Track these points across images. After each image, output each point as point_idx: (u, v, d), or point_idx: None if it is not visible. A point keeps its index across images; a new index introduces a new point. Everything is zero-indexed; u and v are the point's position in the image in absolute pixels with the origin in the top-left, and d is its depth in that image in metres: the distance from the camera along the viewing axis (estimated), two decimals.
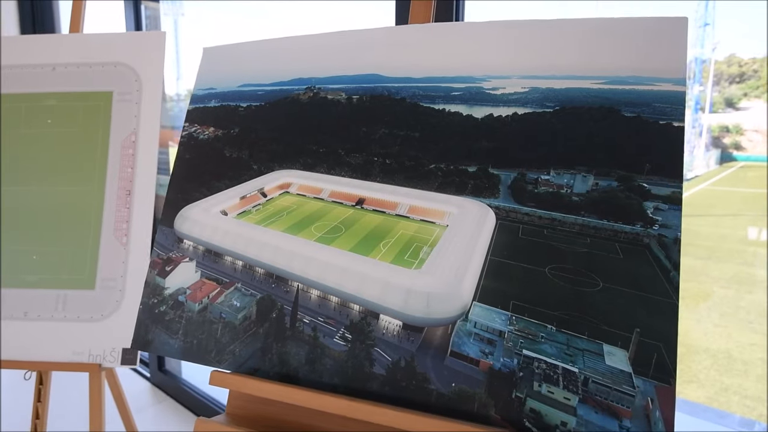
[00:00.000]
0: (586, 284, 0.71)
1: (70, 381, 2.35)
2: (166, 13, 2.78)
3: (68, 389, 2.38)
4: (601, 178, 0.74)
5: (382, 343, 0.78)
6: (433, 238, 0.80)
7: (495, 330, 0.73)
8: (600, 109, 0.76)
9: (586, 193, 0.74)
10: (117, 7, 2.41)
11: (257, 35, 1.03)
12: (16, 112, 1.35)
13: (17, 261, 1.29)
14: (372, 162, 0.86)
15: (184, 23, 2.93)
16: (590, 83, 0.77)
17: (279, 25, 2.60)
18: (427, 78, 0.86)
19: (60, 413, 2.20)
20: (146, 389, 2.48)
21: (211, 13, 2.88)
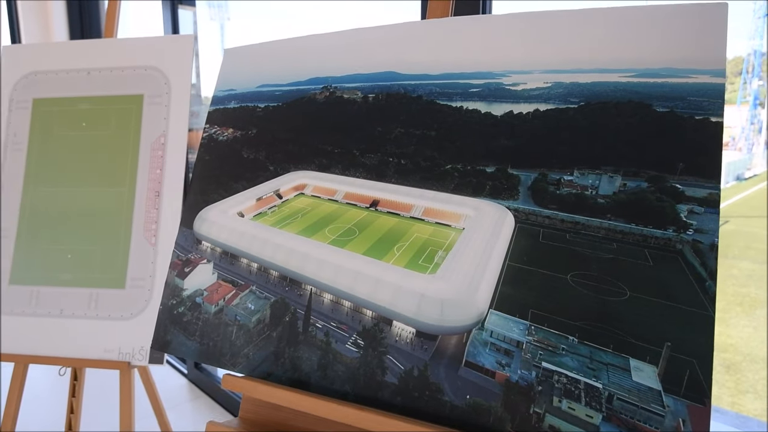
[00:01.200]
0: (611, 293, 0.66)
1: (105, 377, 2.43)
2: (212, 18, 2.85)
3: (103, 385, 2.47)
4: (630, 178, 0.68)
5: (395, 351, 0.75)
6: (449, 242, 0.77)
7: (512, 340, 0.69)
8: (629, 104, 0.70)
9: (613, 194, 0.69)
10: (156, 12, 2.48)
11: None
12: (52, 115, 1.40)
13: (53, 260, 1.34)
14: (387, 162, 0.84)
15: (229, 27, 3.00)
16: (618, 76, 0.71)
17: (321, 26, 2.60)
18: (444, 74, 0.82)
19: (93, 409, 2.28)
20: (183, 386, 2.53)
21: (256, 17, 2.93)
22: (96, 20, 3.04)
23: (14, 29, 3.19)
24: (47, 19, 3.15)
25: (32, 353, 1.31)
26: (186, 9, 2.50)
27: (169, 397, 2.39)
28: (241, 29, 2.87)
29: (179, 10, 2.44)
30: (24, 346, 1.31)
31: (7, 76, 1.43)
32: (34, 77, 1.42)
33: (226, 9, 3.02)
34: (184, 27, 2.46)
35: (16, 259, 1.35)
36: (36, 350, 1.31)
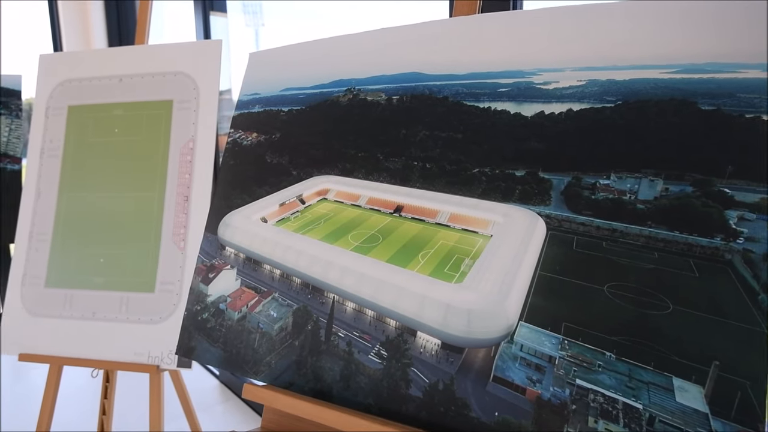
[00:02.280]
0: (652, 306, 0.61)
1: (136, 379, 2.48)
2: (247, 24, 2.88)
3: (137, 386, 2.52)
4: (673, 182, 0.63)
5: (419, 363, 0.72)
6: (476, 250, 0.73)
7: (544, 355, 0.65)
8: (671, 102, 0.65)
9: (654, 199, 0.64)
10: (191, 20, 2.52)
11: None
12: (86, 122, 1.43)
13: (87, 263, 1.36)
14: (411, 166, 0.81)
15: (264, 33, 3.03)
16: (659, 73, 0.66)
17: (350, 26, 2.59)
18: (471, 74, 0.79)
19: (125, 410, 2.32)
20: (215, 387, 2.56)
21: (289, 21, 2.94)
22: (132, 27, 3.12)
23: (56, 37, 3.31)
24: (87, 27, 3.25)
25: (66, 355, 1.33)
26: (218, 16, 2.53)
27: (200, 399, 2.42)
28: (275, 34, 2.89)
29: (212, 17, 2.48)
30: (58, 347, 1.34)
31: (43, 84, 1.47)
32: (69, 85, 1.45)
33: (261, 15, 3.05)
34: (217, 34, 2.50)
35: (51, 263, 1.38)
36: (70, 352, 1.33)
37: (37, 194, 1.42)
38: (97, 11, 3.22)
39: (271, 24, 2.88)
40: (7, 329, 1.38)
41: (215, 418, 2.30)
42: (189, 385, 1.74)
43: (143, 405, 2.32)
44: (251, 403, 2.38)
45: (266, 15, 2.93)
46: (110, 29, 3.23)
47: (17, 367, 2.80)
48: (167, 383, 1.54)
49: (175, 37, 3.36)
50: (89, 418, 2.27)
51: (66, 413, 2.25)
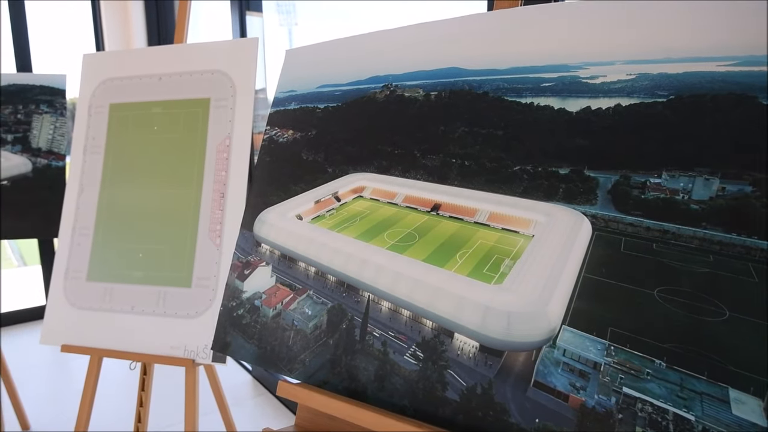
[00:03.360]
0: (707, 312, 0.57)
1: (171, 372, 2.53)
2: (281, 23, 2.91)
3: (173, 378, 2.57)
4: (730, 181, 0.59)
5: (457, 365, 0.70)
6: (516, 250, 0.71)
7: (589, 361, 0.62)
8: (728, 97, 0.61)
9: (709, 199, 0.60)
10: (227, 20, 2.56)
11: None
12: (127, 120, 1.46)
13: (126, 258, 1.39)
14: (449, 164, 0.79)
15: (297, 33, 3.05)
16: (716, 65, 0.63)
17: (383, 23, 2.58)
18: (513, 69, 0.76)
19: (160, 401, 2.37)
20: (247, 382, 2.59)
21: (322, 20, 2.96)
22: (171, 26, 3.19)
23: (98, 37, 3.42)
24: (127, 27, 3.34)
25: (106, 347, 1.36)
26: (254, 15, 2.56)
27: (232, 394, 2.45)
28: (307, 33, 2.91)
29: (247, 16, 2.50)
30: (99, 340, 1.37)
31: (86, 83, 1.51)
32: (111, 83, 1.49)
33: (294, 15, 3.08)
34: (252, 33, 2.52)
35: (92, 257, 1.42)
36: (109, 344, 1.36)
37: (80, 190, 1.46)
38: (138, 11, 3.31)
39: (304, 23, 2.90)
40: (50, 321, 1.42)
41: (247, 413, 2.33)
42: (222, 380, 1.76)
43: (176, 397, 2.37)
44: (283, 399, 2.40)
45: (299, 14, 2.95)
46: (149, 29, 3.31)
47: (58, 356, 2.90)
48: (202, 377, 1.57)
49: (210, 36, 3.42)
50: (123, 407, 2.33)
51: (102, 402, 2.32)
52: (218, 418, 2.06)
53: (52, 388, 2.59)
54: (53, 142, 1.86)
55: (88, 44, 3.45)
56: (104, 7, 3.33)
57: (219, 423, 2.05)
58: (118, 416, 2.28)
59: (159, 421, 2.20)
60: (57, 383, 2.66)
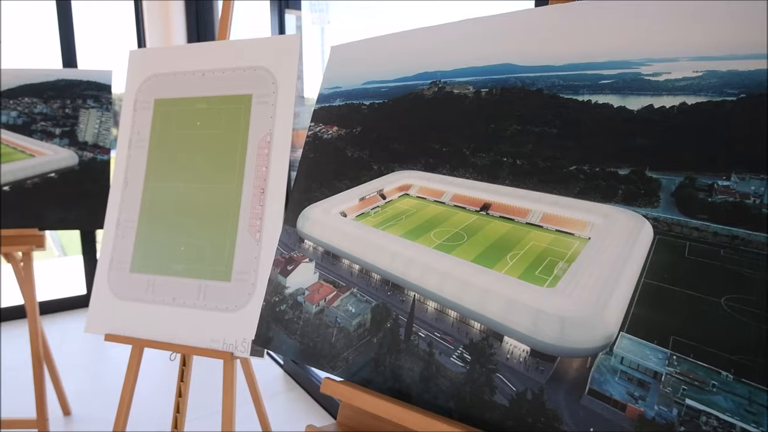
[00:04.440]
0: None
1: (207, 364, 2.58)
2: (314, 22, 2.93)
3: (209, 370, 2.62)
4: None
5: (506, 370, 0.69)
6: (571, 253, 0.68)
7: (649, 370, 0.59)
8: None
9: None
10: (264, 17, 2.59)
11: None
12: (171, 115, 1.48)
13: (168, 251, 1.42)
14: (500, 162, 0.77)
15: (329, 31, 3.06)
16: None
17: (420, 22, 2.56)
18: (569, 65, 0.74)
19: (196, 392, 2.42)
20: (279, 376, 2.62)
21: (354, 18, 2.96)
22: (210, 23, 3.24)
23: (140, 34, 3.50)
24: (168, 24, 3.41)
25: (147, 338, 1.39)
26: (291, 13, 2.57)
27: (265, 387, 2.48)
28: (340, 32, 2.92)
29: (285, 14, 2.52)
30: (140, 330, 1.40)
31: (132, 79, 1.54)
32: (156, 79, 1.51)
33: (327, 13, 3.09)
34: (288, 31, 2.54)
35: (136, 249, 1.45)
36: (151, 335, 1.39)
37: (125, 183, 1.50)
38: (178, 9, 3.38)
39: (336, 21, 2.90)
40: (94, 310, 1.46)
41: (279, 407, 2.35)
42: (254, 373, 1.78)
43: (211, 387, 2.41)
44: (314, 394, 2.41)
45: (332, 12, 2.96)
46: (189, 26, 3.38)
47: (98, 344, 2.99)
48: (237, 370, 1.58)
49: (246, 34, 3.46)
50: (159, 394, 2.39)
51: (140, 389, 2.38)
52: (251, 410, 2.08)
53: (92, 375, 2.68)
54: (99, 136, 1.91)
55: (130, 41, 3.54)
56: (146, 5, 3.41)
57: (252, 415, 2.07)
58: (155, 404, 2.33)
59: (194, 411, 2.24)
60: (96, 370, 2.74)
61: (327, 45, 2.90)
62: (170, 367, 2.65)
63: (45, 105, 1.92)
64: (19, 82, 1.92)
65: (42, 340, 2.04)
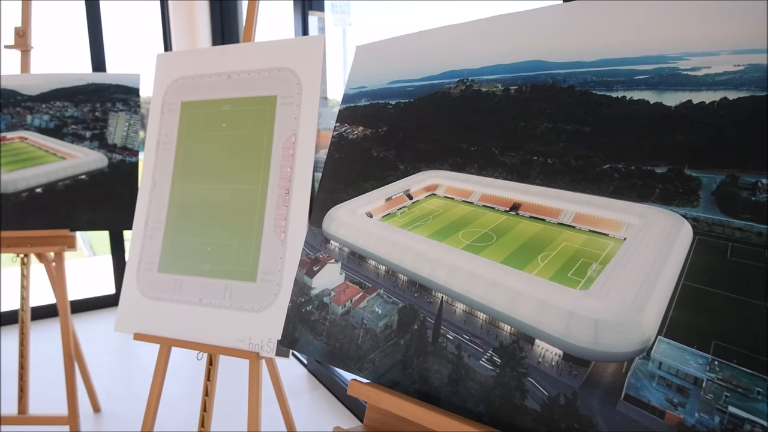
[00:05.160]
0: None
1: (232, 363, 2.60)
2: (335, 23, 2.94)
3: (232, 369, 2.64)
4: None
5: (537, 373, 0.67)
6: (606, 254, 0.66)
7: (688, 375, 0.57)
8: None
9: None
10: (288, 19, 2.60)
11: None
12: (197, 117, 1.50)
13: (195, 251, 1.43)
14: (530, 161, 0.75)
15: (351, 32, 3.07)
16: None
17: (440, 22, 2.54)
18: (602, 61, 0.72)
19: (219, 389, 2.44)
20: (303, 375, 2.63)
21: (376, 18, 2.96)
22: (234, 25, 3.27)
23: (166, 36, 3.56)
24: (193, 26, 3.47)
25: (175, 337, 1.41)
26: (314, 14, 2.58)
27: (288, 386, 2.49)
28: (362, 33, 2.92)
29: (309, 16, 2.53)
30: (168, 329, 1.42)
31: (160, 81, 1.56)
32: (183, 82, 1.53)
33: (348, 14, 3.09)
34: (311, 32, 2.55)
35: (164, 249, 1.47)
36: (178, 334, 1.41)
37: (152, 184, 1.52)
38: (203, 12, 3.42)
39: (358, 22, 2.90)
40: (123, 310, 1.49)
41: (302, 406, 2.36)
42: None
43: (236, 385, 2.43)
44: (338, 394, 2.42)
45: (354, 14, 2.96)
46: (214, 28, 3.42)
47: (126, 342, 3.05)
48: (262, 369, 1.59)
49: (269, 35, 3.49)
50: (185, 392, 2.42)
51: (166, 387, 2.41)
52: (276, 409, 2.09)
53: (120, 373, 2.73)
54: (127, 138, 1.95)
55: (157, 43, 3.60)
56: (172, 8, 3.47)
57: (276, 414, 2.08)
58: (182, 402, 2.37)
59: (219, 409, 2.27)
60: (124, 368, 2.80)
61: (349, 46, 2.90)
62: (196, 366, 2.69)
63: (76, 108, 1.96)
64: (51, 86, 1.97)
65: (73, 338, 2.09)
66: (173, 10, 3.47)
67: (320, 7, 2.53)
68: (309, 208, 1.35)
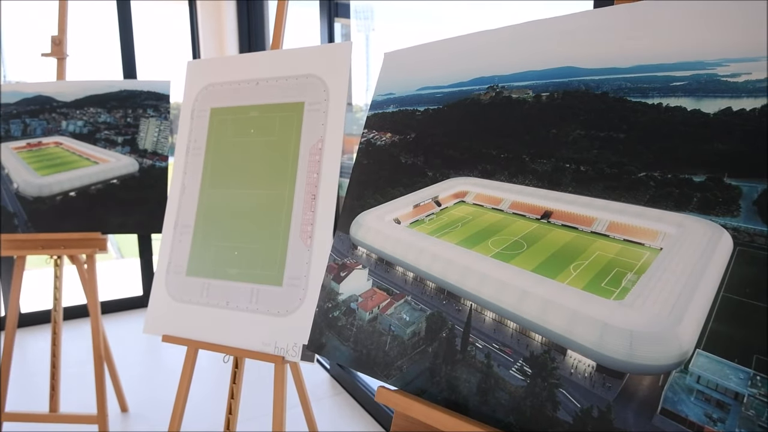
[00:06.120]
0: None
1: (256, 366, 2.62)
2: (359, 29, 2.96)
3: (258, 374, 2.66)
4: None
5: (570, 385, 0.66)
6: (641, 264, 0.65)
7: (729, 390, 0.56)
8: None
9: None
10: (315, 26, 2.63)
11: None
12: (226, 123, 1.52)
13: (223, 255, 1.46)
14: (562, 169, 0.74)
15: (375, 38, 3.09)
16: None
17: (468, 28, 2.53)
18: (637, 67, 0.71)
19: (244, 392, 2.46)
20: (325, 380, 2.64)
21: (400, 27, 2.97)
22: (260, 33, 3.32)
23: (195, 45, 3.63)
24: (221, 33, 3.53)
25: (202, 340, 1.43)
26: (339, 21, 2.61)
27: (310, 391, 2.50)
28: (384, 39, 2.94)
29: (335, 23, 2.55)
30: (196, 332, 1.44)
31: (190, 88, 1.60)
32: (212, 88, 1.56)
33: (372, 20, 3.11)
34: (336, 38, 2.57)
35: (192, 253, 1.49)
36: (205, 337, 1.43)
37: (182, 189, 1.55)
38: (231, 20, 3.49)
39: (381, 28, 2.92)
40: (152, 312, 1.52)
41: (325, 411, 2.37)
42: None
43: (259, 387, 2.45)
44: (360, 399, 2.42)
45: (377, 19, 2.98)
46: (241, 35, 3.48)
47: (152, 344, 3.10)
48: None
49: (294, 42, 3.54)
50: (209, 393, 2.45)
51: (192, 390, 2.45)
52: (299, 413, 2.11)
53: (146, 373, 2.78)
54: (157, 144, 1.99)
55: (185, 49, 3.68)
56: (201, 14, 3.54)
57: (299, 418, 2.09)
58: (207, 404, 2.39)
59: (244, 411, 2.29)
60: (150, 368, 2.85)
61: (372, 52, 2.92)
62: (220, 368, 2.72)
63: (108, 114, 2.01)
64: (85, 93, 2.03)
65: (103, 339, 2.14)
66: (201, 15, 3.54)
67: (346, 13, 2.55)
68: (335, 214, 1.35)
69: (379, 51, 3.01)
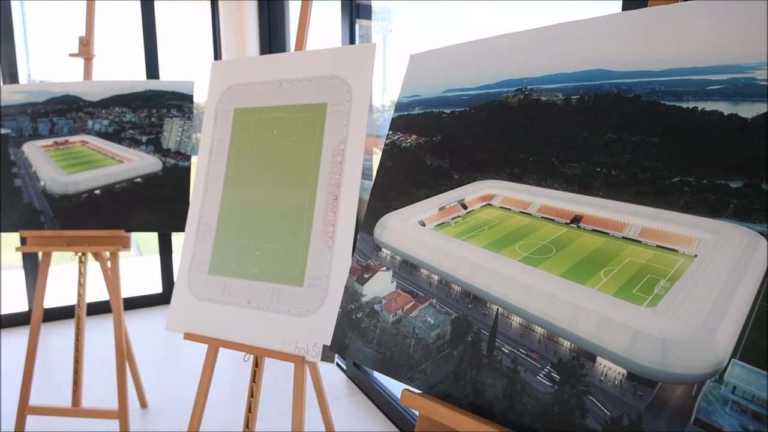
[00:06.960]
0: None
1: (274, 365, 2.64)
2: (376, 30, 2.97)
3: (275, 373, 2.68)
4: None
5: (599, 392, 0.65)
6: (675, 271, 0.64)
7: (765, 402, 0.54)
8: None
9: None
10: (336, 26, 2.64)
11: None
12: (249, 123, 1.54)
13: (244, 254, 1.47)
14: (593, 173, 0.73)
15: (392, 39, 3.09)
16: None
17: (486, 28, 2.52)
18: (671, 70, 0.69)
19: (264, 394, 2.47)
20: (342, 381, 2.65)
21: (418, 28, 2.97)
22: (281, 34, 3.35)
23: (216, 45, 3.68)
24: (242, 34, 3.57)
25: (223, 338, 1.44)
26: (359, 22, 2.61)
27: (327, 391, 2.51)
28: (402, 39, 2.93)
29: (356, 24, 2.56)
30: (217, 330, 1.46)
31: (214, 88, 1.61)
32: (236, 89, 1.58)
33: (390, 21, 3.11)
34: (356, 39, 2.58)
35: (214, 252, 1.51)
36: (226, 336, 1.44)
37: (205, 188, 1.56)
38: (252, 21, 3.52)
39: (399, 28, 2.91)
40: (175, 310, 1.53)
41: (341, 411, 2.37)
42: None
43: (276, 386, 2.47)
44: (376, 400, 2.42)
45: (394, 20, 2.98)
46: (262, 36, 3.51)
47: (172, 341, 3.14)
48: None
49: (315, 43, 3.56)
50: (228, 393, 2.47)
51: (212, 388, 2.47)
52: (315, 413, 2.11)
53: (165, 370, 2.81)
54: (181, 143, 2.02)
55: (207, 49, 3.72)
56: (222, 16, 3.59)
57: (317, 418, 2.10)
58: (226, 402, 2.42)
59: (262, 410, 2.30)
60: (169, 365, 2.88)
61: (389, 52, 2.92)
62: (240, 367, 2.75)
63: (133, 114, 2.04)
64: (111, 92, 2.06)
65: (125, 335, 2.17)
66: (223, 15, 3.58)
67: (367, 14, 2.56)
68: (356, 215, 1.36)
69: (396, 52, 3.02)
